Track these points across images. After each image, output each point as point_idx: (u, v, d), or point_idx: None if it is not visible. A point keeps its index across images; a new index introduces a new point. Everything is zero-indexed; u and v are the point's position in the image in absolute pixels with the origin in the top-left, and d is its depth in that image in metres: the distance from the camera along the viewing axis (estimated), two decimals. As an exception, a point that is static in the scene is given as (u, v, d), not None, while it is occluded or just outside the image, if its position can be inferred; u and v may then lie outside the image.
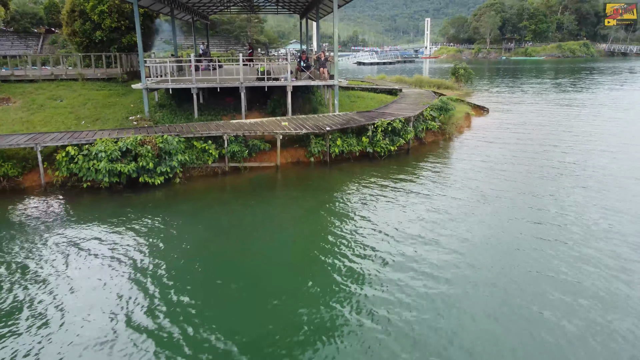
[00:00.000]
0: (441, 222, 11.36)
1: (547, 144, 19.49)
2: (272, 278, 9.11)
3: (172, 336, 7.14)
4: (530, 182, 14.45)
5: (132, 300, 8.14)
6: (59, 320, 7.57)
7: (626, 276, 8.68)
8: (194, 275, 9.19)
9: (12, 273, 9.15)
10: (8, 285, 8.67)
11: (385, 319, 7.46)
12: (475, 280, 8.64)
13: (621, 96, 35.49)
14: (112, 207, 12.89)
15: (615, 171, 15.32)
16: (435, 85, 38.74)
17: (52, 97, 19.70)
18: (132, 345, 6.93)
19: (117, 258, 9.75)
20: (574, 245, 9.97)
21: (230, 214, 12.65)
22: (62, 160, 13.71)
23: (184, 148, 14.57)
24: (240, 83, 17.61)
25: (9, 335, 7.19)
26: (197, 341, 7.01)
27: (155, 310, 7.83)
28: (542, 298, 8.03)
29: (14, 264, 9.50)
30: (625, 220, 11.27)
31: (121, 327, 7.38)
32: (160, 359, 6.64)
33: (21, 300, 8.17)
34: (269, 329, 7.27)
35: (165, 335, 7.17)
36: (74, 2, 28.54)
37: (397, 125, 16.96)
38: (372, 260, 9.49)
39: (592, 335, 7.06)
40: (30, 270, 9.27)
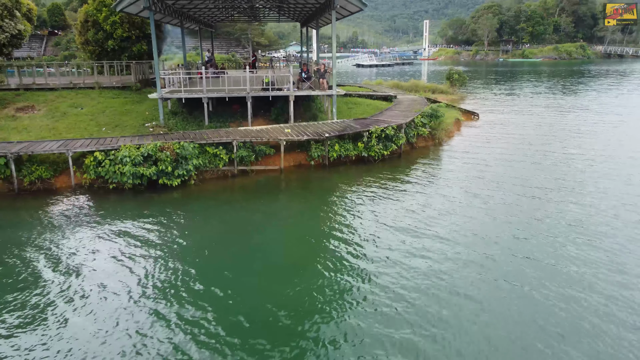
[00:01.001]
0: (429, 216, 13.06)
1: (533, 148, 21.19)
2: (277, 264, 10.80)
3: (191, 311, 8.83)
4: (512, 182, 16.14)
5: (153, 282, 9.83)
6: (92, 302, 9.27)
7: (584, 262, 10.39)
8: (207, 264, 10.88)
9: (48, 262, 10.82)
10: (46, 272, 10.36)
11: (378, 294, 9.16)
12: (460, 259, 10.33)
13: (611, 101, 37.13)
14: (136, 206, 14.58)
15: (592, 173, 17.07)
16: (430, 90, 40.47)
17: (73, 105, 21.40)
18: (157, 316, 8.62)
19: (140, 248, 11.44)
20: (544, 230, 11.68)
21: (240, 211, 14.35)
22: (90, 164, 15.42)
23: (198, 153, 16.28)
24: (247, 93, 19.31)
25: (51, 311, 8.89)
26: (215, 314, 8.71)
27: (175, 290, 9.52)
28: (515, 271, 9.74)
29: (51, 255, 11.18)
30: (598, 212, 13.00)
31: (145, 302, 9.08)
32: (178, 329, 8.33)
33: (59, 284, 9.86)
34: (275, 305, 8.97)
35: (185, 308, 8.86)
36: (87, 12, 30.24)
37: (390, 132, 18.67)
38: (367, 247, 11.18)
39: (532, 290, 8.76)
40: (64, 259, 10.94)
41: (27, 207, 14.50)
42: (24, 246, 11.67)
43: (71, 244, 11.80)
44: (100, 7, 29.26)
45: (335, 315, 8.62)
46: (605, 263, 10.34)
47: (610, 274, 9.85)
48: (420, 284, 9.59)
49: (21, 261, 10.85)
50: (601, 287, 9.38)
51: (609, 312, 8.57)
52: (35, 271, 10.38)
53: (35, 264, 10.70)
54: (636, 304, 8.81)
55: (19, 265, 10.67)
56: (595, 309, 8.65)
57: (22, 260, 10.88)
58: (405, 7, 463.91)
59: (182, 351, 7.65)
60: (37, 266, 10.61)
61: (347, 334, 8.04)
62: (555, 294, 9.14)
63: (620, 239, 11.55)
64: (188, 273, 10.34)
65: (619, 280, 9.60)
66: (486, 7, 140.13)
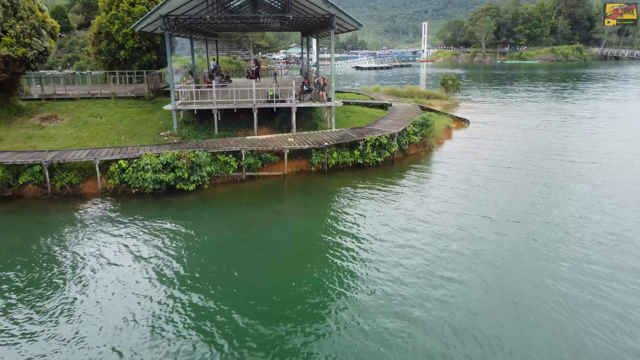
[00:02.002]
0: (418, 214, 14.94)
1: (519, 153, 23.09)
2: (282, 258, 12.68)
3: (207, 297, 10.70)
4: (497, 185, 18.03)
5: (174, 273, 11.71)
6: (117, 292, 11.15)
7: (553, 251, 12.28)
8: (220, 258, 12.75)
9: (79, 257, 12.68)
10: (78, 265, 12.23)
11: (374, 279, 11.04)
12: (445, 250, 12.21)
13: (602, 107, 38.96)
14: (156, 208, 16.46)
15: (571, 176, 19.03)
16: (426, 95, 42.35)
17: (93, 115, 23.27)
18: (177, 301, 10.50)
19: (161, 245, 13.32)
20: (522, 228, 13.57)
21: (248, 212, 16.23)
22: (115, 171, 17.30)
23: (210, 161, 18.16)
24: (253, 105, 21.19)
25: (80, 298, 10.77)
26: (229, 298, 10.58)
27: (194, 280, 11.41)
28: (496, 261, 11.61)
29: (82, 251, 13.04)
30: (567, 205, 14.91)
31: (164, 289, 10.95)
32: (196, 313, 10.21)
33: (88, 276, 11.73)
34: (282, 291, 10.85)
35: (202, 296, 10.74)
36: (100, 24, 32.10)
37: (383, 140, 20.56)
38: (362, 241, 13.06)
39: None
40: (95, 253, 12.81)
41: (60, 209, 16.38)
42: (58, 243, 13.55)
43: (100, 240, 13.67)
44: (113, 19, 31.09)
45: (334, 297, 10.49)
46: (570, 255, 12.23)
47: (577, 264, 11.73)
48: (409, 267, 11.47)
49: (56, 255, 12.73)
50: (565, 273, 11.26)
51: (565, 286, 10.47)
52: (69, 264, 12.25)
53: (69, 258, 12.56)
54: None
55: (54, 259, 12.55)
56: (558, 289, 10.53)
57: (57, 255, 12.76)
58: (405, 7, 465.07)
59: (202, 332, 9.52)
60: (69, 260, 12.47)
61: (346, 312, 9.92)
62: (520, 276, 11.02)
63: (586, 234, 13.44)
64: (204, 266, 12.22)
65: (577, 264, 11.49)
66: (484, 10, 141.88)
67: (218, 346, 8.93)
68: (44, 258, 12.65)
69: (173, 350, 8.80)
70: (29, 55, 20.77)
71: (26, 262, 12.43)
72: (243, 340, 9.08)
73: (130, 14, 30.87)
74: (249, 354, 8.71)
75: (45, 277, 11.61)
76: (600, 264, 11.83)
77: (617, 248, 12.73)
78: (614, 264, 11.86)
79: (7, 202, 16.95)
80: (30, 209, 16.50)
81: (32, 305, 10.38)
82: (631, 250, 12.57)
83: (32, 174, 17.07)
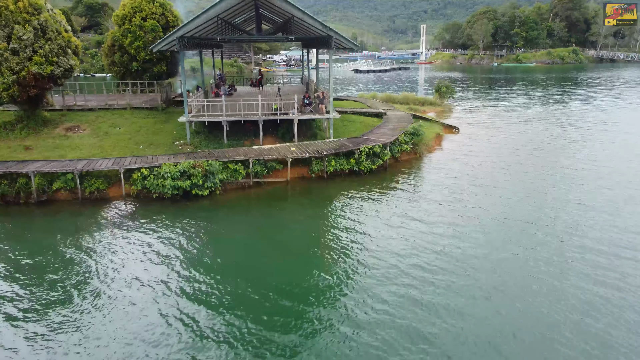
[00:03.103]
0: (409, 214, 17.13)
1: (504, 159, 25.28)
2: (287, 254, 14.86)
3: (220, 289, 12.88)
4: (482, 188, 20.21)
5: (191, 267, 13.89)
6: (141, 282, 13.33)
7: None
8: (232, 255, 14.94)
9: (107, 254, 14.86)
10: (104, 261, 14.41)
11: (370, 272, 13.22)
12: (436, 244, 14.39)
13: (591, 114, 41.12)
14: (174, 211, 18.64)
15: (552, 180, 21.21)
16: (420, 102, 44.57)
17: (112, 125, 25.46)
18: (196, 296, 12.69)
19: (179, 243, 15.52)
20: (503, 226, 15.77)
21: (256, 215, 18.42)
22: (137, 178, 19.50)
23: (222, 169, 20.35)
24: (259, 117, 23.37)
25: (106, 290, 12.96)
26: (244, 287, 12.77)
27: (211, 274, 13.59)
28: (478, 255, 13.79)
29: (109, 248, 15.23)
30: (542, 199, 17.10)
31: (184, 279, 13.14)
32: (210, 304, 12.39)
33: (116, 270, 13.91)
34: (288, 282, 13.03)
35: (216, 287, 12.92)
36: (114, 38, 34.29)
37: (377, 149, 22.75)
38: (359, 239, 15.24)
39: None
40: (120, 251, 15.00)
41: (90, 212, 18.58)
42: (89, 241, 15.75)
43: (126, 239, 15.88)
44: (126, 33, 33.28)
45: (334, 284, 12.69)
46: (545, 249, 14.43)
47: (546, 254, 13.93)
48: (402, 259, 13.65)
49: (89, 252, 14.92)
50: (531, 263, 13.46)
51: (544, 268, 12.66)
52: (100, 259, 14.43)
53: (99, 254, 14.75)
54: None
55: (87, 255, 14.73)
56: (536, 278, 12.72)
57: (89, 251, 14.95)
58: (405, 7, 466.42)
59: (217, 318, 11.71)
60: (100, 256, 14.66)
61: (344, 295, 12.11)
62: (492, 264, 13.21)
63: (563, 234, 15.65)
64: (218, 261, 14.41)
65: (551, 255, 13.68)
66: (481, 13, 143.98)
67: (238, 323, 11.12)
68: (78, 254, 14.84)
69: (199, 330, 11.00)
70: (57, 72, 22.94)
71: (62, 257, 14.63)
72: (257, 320, 11.27)
73: (142, 28, 33.07)
74: (263, 330, 10.90)
75: (79, 271, 13.80)
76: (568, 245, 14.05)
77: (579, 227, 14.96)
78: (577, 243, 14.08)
79: (42, 205, 19.16)
80: (64, 212, 18.71)
81: (71, 292, 12.58)
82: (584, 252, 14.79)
83: (64, 181, 19.27)
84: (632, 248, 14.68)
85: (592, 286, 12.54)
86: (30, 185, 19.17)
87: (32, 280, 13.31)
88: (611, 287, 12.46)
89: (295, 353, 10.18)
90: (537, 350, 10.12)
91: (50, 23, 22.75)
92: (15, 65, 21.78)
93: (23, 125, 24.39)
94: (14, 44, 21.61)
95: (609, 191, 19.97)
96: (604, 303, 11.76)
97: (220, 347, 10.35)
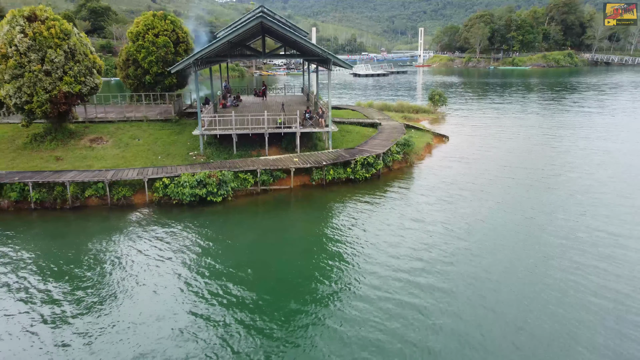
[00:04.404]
0: (402, 217, 19.79)
1: (490, 166, 27.97)
2: (292, 252, 17.54)
3: (236, 278, 15.55)
4: (468, 192, 22.89)
5: (208, 264, 16.55)
6: (164, 277, 16.01)
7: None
8: (243, 253, 17.61)
9: (132, 252, 17.51)
10: (133, 259, 17.08)
11: (366, 266, 15.89)
12: (427, 243, 17.04)
13: (582, 121, 43.88)
14: (192, 215, 21.32)
15: (538, 187, 23.90)
16: (414, 110, 47.30)
17: (132, 137, 28.13)
18: (213, 289, 15.36)
19: (197, 243, 18.19)
20: (487, 226, 18.44)
21: (264, 218, 21.09)
22: (159, 186, 22.18)
23: (233, 178, 23.03)
24: (265, 130, 26.05)
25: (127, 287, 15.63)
26: (255, 280, 15.44)
27: (224, 270, 16.26)
28: (464, 251, 16.46)
29: (134, 247, 17.87)
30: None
31: (203, 275, 15.81)
32: (229, 295, 15.06)
33: (143, 267, 16.58)
34: (293, 274, 15.70)
35: (231, 277, 15.59)
36: (128, 52, 36.94)
37: (371, 160, 25.44)
38: (355, 239, 17.91)
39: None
40: (146, 250, 17.65)
41: (118, 216, 21.26)
42: (118, 242, 18.41)
43: (151, 239, 18.54)
44: (140, 48, 35.92)
45: (333, 278, 15.36)
46: (526, 244, 17.11)
47: (528, 253, 16.62)
48: (392, 251, 16.32)
49: (117, 252, 17.59)
50: (498, 256, 16.14)
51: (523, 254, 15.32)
52: (127, 258, 17.07)
53: (127, 254, 17.40)
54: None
55: (116, 255, 17.40)
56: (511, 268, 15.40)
57: (118, 251, 17.61)
58: (404, 7, 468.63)
59: (235, 301, 14.39)
60: (127, 255, 17.30)
61: (342, 286, 14.79)
62: (472, 254, 15.91)
63: (541, 232, 18.34)
64: (232, 258, 17.07)
65: (534, 250, 16.34)
66: (478, 16, 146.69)
67: (250, 310, 13.81)
68: (107, 252, 17.52)
69: (217, 318, 13.68)
70: (84, 91, 25.62)
71: (95, 254, 17.31)
72: (266, 310, 13.95)
73: (154, 44, 35.72)
74: (272, 316, 13.59)
75: (108, 265, 16.48)
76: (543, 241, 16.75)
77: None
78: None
79: (76, 211, 21.85)
80: (95, 216, 21.39)
81: (102, 288, 15.25)
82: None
83: (95, 189, 21.97)
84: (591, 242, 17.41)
85: (556, 268, 15.25)
86: (66, 193, 21.85)
87: (69, 272, 15.98)
88: (572, 267, 15.18)
89: (294, 329, 12.86)
90: (511, 321, 12.81)
91: (78, 47, 25.43)
92: (48, 85, 24.43)
93: (52, 137, 27.07)
94: (47, 66, 24.27)
95: (580, 196, 22.65)
96: (563, 278, 14.47)
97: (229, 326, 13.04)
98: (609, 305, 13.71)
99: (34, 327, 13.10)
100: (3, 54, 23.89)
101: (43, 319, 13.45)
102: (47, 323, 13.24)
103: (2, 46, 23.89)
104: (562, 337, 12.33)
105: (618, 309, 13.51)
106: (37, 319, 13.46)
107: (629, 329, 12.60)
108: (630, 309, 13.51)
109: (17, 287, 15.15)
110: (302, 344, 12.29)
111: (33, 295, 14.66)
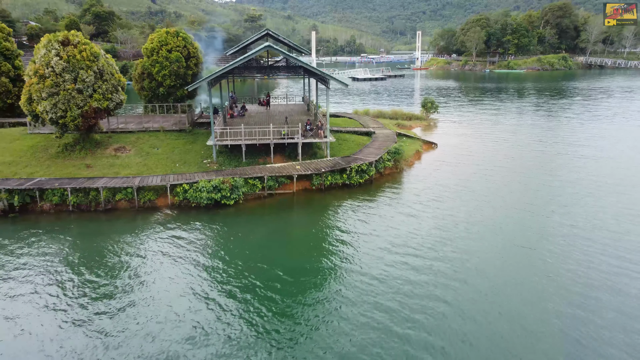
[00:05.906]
0: (393, 216, 23.13)
1: (476, 171, 31.31)
2: (295, 249, 20.89)
3: (248, 272, 18.90)
4: (455, 195, 26.23)
5: (223, 260, 19.90)
6: (183, 270, 19.37)
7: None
8: (253, 250, 20.95)
9: (157, 249, 20.86)
10: (156, 255, 20.42)
11: (362, 263, 19.25)
12: (417, 243, 20.37)
13: (566, 128, 47.27)
14: (208, 217, 24.68)
15: (513, 183, 27.24)
16: (408, 117, 50.67)
17: (152, 146, 31.50)
18: (223, 285, 18.73)
19: (212, 241, 21.54)
20: (476, 227, 21.77)
21: (272, 219, 24.45)
22: (180, 191, 25.55)
23: (244, 184, 26.40)
24: (270, 140, 29.44)
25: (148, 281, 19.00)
26: (264, 274, 18.80)
27: (237, 264, 19.62)
28: (455, 250, 19.79)
29: (157, 244, 21.21)
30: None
31: (217, 269, 19.16)
32: (236, 293, 18.42)
33: (166, 262, 19.93)
34: (298, 269, 19.04)
35: (243, 271, 18.94)
36: (143, 66, 40.32)
37: (364, 167, 28.82)
38: (352, 238, 21.24)
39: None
40: (166, 247, 21.01)
41: (144, 217, 24.62)
42: (144, 239, 21.76)
43: (173, 237, 21.89)
44: (154, 63, 39.31)
45: (332, 272, 18.70)
46: (516, 251, 20.45)
47: (516, 253, 19.95)
48: (386, 246, 19.66)
49: (143, 248, 20.92)
50: (487, 254, 19.48)
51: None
52: (151, 254, 20.42)
53: (151, 250, 20.73)
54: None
55: (141, 251, 20.75)
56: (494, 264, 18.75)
57: (143, 248, 20.95)
58: (403, 8, 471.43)
59: (240, 301, 17.74)
60: (152, 250, 20.62)
61: (340, 280, 18.14)
62: (455, 256, 19.26)
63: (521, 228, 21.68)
64: (244, 254, 20.42)
65: (517, 248, 19.67)
66: (474, 20, 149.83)
67: (260, 301, 17.16)
68: (136, 248, 20.87)
69: (230, 307, 17.04)
70: (111, 106, 29.00)
71: (124, 250, 20.65)
72: (274, 300, 17.31)
73: (167, 59, 39.12)
74: (279, 306, 16.94)
75: (137, 263, 19.83)
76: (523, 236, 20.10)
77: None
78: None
79: (108, 212, 25.24)
80: (124, 217, 24.76)
81: (129, 279, 18.61)
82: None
83: (125, 194, 25.35)
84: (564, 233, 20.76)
85: (538, 257, 18.63)
86: (99, 197, 25.24)
87: (102, 264, 19.33)
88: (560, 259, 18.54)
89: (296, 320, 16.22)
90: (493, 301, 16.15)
91: (105, 67, 28.80)
92: (80, 101, 27.80)
93: (81, 146, 30.44)
94: (79, 85, 27.63)
95: (561, 198, 26.06)
96: (544, 263, 17.83)
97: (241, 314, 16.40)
98: (575, 289, 17.09)
99: (72, 310, 16.50)
100: (41, 75, 27.25)
101: (79, 303, 16.85)
102: (84, 308, 16.65)
103: (40, 68, 27.25)
104: (513, 301, 15.72)
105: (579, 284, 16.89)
106: (74, 306, 16.85)
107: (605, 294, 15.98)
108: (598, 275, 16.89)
109: (60, 279, 18.53)
110: (304, 331, 15.67)
111: (74, 283, 18.05)
